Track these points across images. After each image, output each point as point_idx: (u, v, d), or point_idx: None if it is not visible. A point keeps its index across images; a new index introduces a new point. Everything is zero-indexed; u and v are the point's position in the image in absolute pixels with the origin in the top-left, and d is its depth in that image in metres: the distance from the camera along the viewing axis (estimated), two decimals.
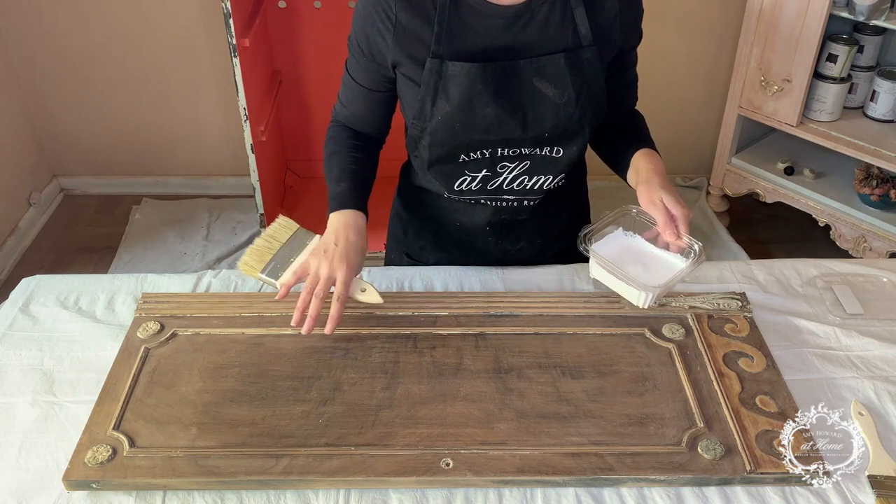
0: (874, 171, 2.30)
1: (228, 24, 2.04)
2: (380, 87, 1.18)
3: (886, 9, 2.12)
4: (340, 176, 1.19)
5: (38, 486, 0.90)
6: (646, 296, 1.09)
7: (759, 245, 2.67)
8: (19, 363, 1.06)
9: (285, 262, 1.12)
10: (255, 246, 1.14)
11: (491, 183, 1.19)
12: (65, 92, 2.71)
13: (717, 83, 2.76)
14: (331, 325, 1.04)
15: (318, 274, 1.07)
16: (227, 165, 2.88)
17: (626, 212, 1.16)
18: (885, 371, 1.06)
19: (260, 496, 0.89)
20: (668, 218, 1.08)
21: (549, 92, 1.11)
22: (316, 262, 1.08)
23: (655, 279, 1.08)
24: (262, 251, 1.13)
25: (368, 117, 1.23)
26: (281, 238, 1.16)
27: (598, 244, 1.13)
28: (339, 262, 1.07)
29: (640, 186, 1.13)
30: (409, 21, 1.08)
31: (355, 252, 1.09)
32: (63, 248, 2.66)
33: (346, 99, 1.23)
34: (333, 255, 1.08)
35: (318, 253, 1.10)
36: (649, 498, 0.89)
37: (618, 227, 1.16)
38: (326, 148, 1.25)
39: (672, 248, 1.12)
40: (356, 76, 1.19)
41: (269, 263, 1.12)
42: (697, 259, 1.08)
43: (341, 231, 1.11)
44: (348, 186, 1.17)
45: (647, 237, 1.14)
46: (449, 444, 0.93)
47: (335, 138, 1.24)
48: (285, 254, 1.13)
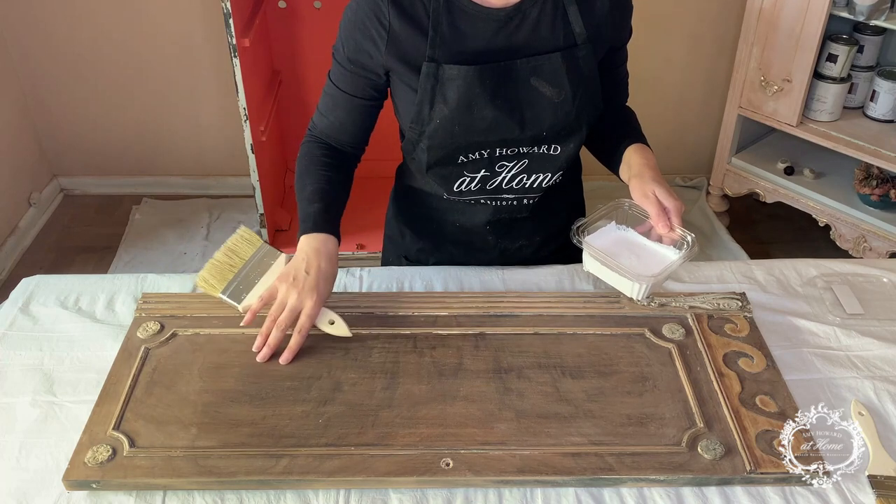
0: (874, 171, 2.30)
1: (228, 25, 2.04)
2: (365, 94, 1.17)
3: (886, 9, 2.12)
4: (312, 196, 1.14)
5: (38, 486, 0.90)
6: (639, 287, 1.09)
7: (759, 245, 2.67)
8: (19, 363, 1.06)
9: (249, 282, 1.08)
10: (216, 261, 1.08)
11: (490, 183, 1.20)
12: (65, 92, 2.71)
13: (717, 83, 2.76)
14: (287, 356, 1.03)
15: (284, 302, 1.04)
16: (227, 165, 2.88)
17: (619, 205, 1.16)
18: (885, 371, 1.06)
19: (260, 496, 0.89)
20: (660, 210, 1.09)
21: (546, 91, 1.11)
22: (284, 290, 1.05)
23: (649, 270, 1.09)
24: (222, 268, 1.08)
25: (349, 126, 1.20)
26: (243, 254, 1.11)
27: (591, 237, 1.13)
28: (309, 293, 1.04)
29: (632, 180, 1.13)
30: (402, 27, 1.08)
31: (325, 282, 1.07)
32: (63, 248, 2.66)
33: (326, 108, 1.20)
34: (304, 284, 1.05)
35: (286, 278, 1.06)
36: (649, 498, 0.90)
37: (611, 221, 1.16)
38: (299, 165, 1.21)
39: (665, 241, 1.12)
40: (340, 83, 1.16)
41: (230, 283, 1.07)
42: (690, 250, 1.09)
43: (313, 258, 1.07)
44: (320, 208, 1.13)
45: (639, 231, 1.15)
46: (449, 444, 0.93)
47: (309, 155, 1.20)
48: (248, 273, 1.09)
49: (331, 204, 1.15)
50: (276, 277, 1.07)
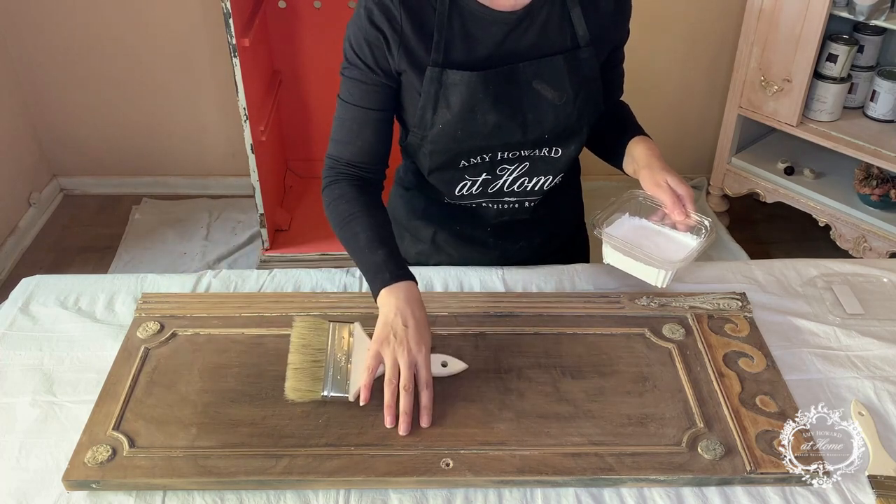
0: (874, 171, 2.30)
1: (228, 24, 2.04)
2: (386, 105, 1.13)
3: (886, 9, 2.12)
4: (371, 244, 1.07)
5: (38, 486, 0.90)
6: (665, 274, 1.09)
7: (759, 245, 2.67)
8: (19, 363, 1.06)
9: (342, 368, 0.99)
10: (295, 365, 0.98)
11: (491, 186, 1.19)
12: (65, 92, 2.71)
13: (717, 83, 2.76)
14: (427, 418, 0.96)
15: (396, 364, 0.96)
16: (227, 165, 2.88)
17: (633, 196, 1.15)
18: (885, 371, 1.06)
19: (260, 496, 0.89)
20: (674, 198, 1.09)
21: (548, 94, 1.11)
22: (390, 352, 0.97)
23: (673, 257, 1.09)
24: (306, 369, 0.98)
25: (377, 146, 1.14)
26: (319, 344, 1.01)
27: (608, 229, 1.13)
28: (417, 346, 0.97)
29: (642, 171, 1.13)
30: (411, 30, 1.07)
31: (427, 329, 1.00)
32: (63, 248, 2.66)
33: (349, 135, 1.13)
34: (407, 338, 0.97)
35: (385, 341, 0.98)
36: (649, 498, 0.89)
37: (624, 213, 1.16)
38: (336, 210, 1.12)
39: (680, 228, 1.12)
40: (360, 102, 1.11)
41: (326, 379, 0.98)
42: (709, 235, 1.09)
43: (405, 308, 1.00)
44: (387, 255, 1.05)
45: (653, 220, 1.15)
46: (449, 444, 0.93)
47: (344, 197, 1.12)
48: (336, 359, 1.00)
49: (393, 246, 1.08)
50: (373, 343, 0.99)
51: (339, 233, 1.12)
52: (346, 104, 1.13)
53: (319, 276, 1.22)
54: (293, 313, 1.10)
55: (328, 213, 1.14)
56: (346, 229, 1.10)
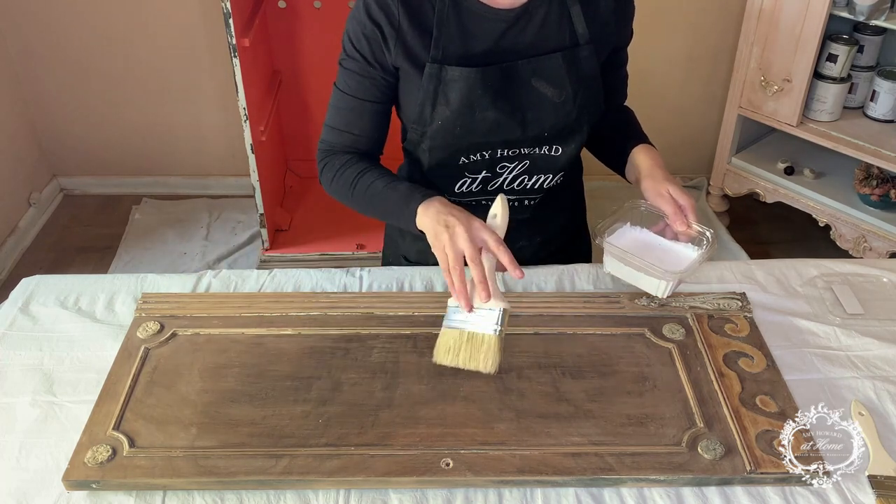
0: (874, 171, 2.30)
1: (228, 24, 2.04)
2: (384, 97, 1.15)
3: (886, 9, 2.12)
4: (390, 184, 1.10)
5: (38, 486, 0.90)
6: (666, 284, 1.09)
7: (759, 245, 2.67)
8: (19, 363, 1.06)
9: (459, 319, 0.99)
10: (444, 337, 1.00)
11: (491, 184, 1.19)
12: (65, 92, 2.71)
13: (717, 83, 2.76)
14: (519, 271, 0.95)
15: (457, 246, 0.96)
16: (227, 165, 2.88)
17: (635, 206, 1.16)
18: (885, 371, 1.06)
19: (260, 496, 0.89)
20: (676, 209, 1.09)
21: (547, 91, 1.11)
22: (447, 240, 0.96)
23: (674, 268, 1.09)
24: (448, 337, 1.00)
25: (372, 133, 1.17)
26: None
27: (610, 238, 1.13)
28: (468, 224, 0.97)
29: (645, 181, 1.13)
30: (409, 26, 1.08)
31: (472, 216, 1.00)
32: (63, 248, 2.66)
33: (343, 123, 1.16)
34: (458, 222, 0.97)
35: (439, 237, 0.98)
36: (649, 498, 0.89)
37: (626, 222, 1.16)
38: (342, 179, 1.14)
39: (681, 238, 1.12)
40: (356, 92, 1.14)
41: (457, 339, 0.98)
42: (711, 246, 1.09)
43: (444, 209, 1.01)
44: (409, 186, 1.09)
45: (654, 231, 1.15)
46: (449, 444, 0.93)
47: (346, 165, 1.15)
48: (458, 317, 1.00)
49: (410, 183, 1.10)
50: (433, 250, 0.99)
51: (351, 194, 1.13)
52: (342, 93, 1.15)
53: (319, 276, 1.22)
54: (293, 313, 1.11)
55: (334, 187, 1.15)
56: (359, 186, 1.12)
